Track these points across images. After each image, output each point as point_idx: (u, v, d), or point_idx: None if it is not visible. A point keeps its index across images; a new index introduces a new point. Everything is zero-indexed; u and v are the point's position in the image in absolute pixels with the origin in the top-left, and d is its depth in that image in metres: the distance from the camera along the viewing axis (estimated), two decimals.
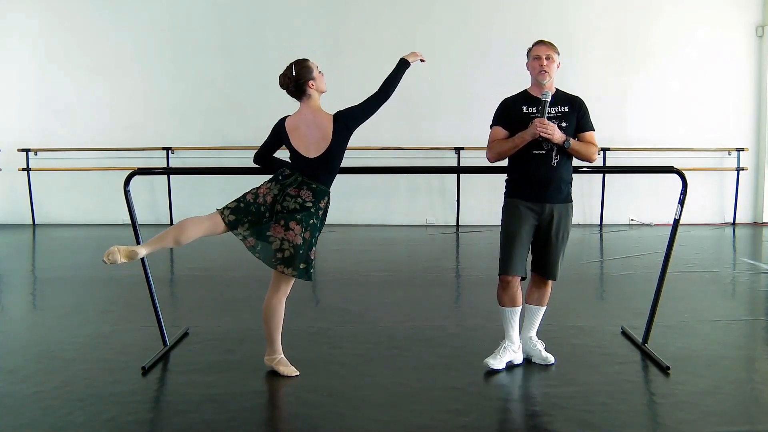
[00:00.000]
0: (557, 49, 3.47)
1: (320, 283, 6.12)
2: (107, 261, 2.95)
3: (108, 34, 9.45)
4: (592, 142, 3.46)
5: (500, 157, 3.50)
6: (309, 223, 3.25)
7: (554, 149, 3.39)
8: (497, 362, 3.50)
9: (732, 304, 5.19)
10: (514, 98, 3.55)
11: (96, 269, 6.58)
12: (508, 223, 3.50)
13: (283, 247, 3.23)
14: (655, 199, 9.10)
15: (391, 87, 3.41)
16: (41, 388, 3.28)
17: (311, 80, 3.34)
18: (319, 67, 3.42)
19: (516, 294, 3.53)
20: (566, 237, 3.52)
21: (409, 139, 9.13)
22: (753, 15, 9.50)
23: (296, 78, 3.34)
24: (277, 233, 3.22)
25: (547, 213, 3.44)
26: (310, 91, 3.35)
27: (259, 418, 3.02)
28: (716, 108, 9.50)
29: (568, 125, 3.41)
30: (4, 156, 9.35)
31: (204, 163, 9.28)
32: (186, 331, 4.17)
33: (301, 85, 3.34)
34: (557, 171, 3.42)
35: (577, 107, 3.46)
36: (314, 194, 3.28)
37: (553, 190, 3.43)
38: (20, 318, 4.84)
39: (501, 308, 3.58)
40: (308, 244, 3.26)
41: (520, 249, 3.45)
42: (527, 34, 9.29)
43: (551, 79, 3.43)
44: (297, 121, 3.36)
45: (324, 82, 3.42)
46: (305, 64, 3.37)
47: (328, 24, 9.51)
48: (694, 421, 2.90)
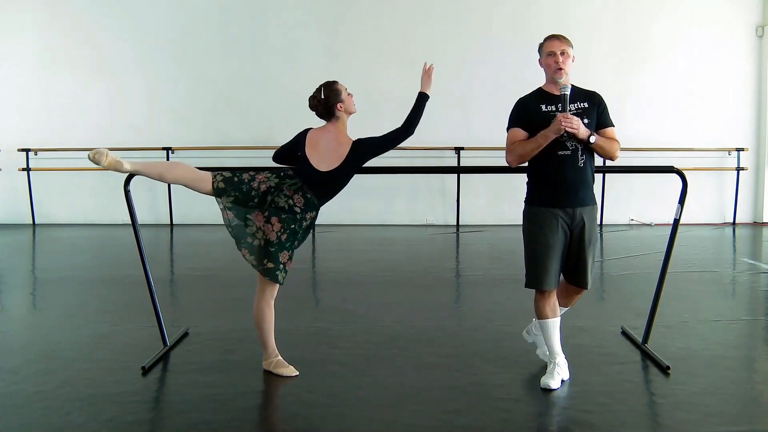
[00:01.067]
0: (570, 42, 3.29)
1: (320, 283, 6.12)
2: (92, 158, 3.09)
3: (108, 34, 9.46)
4: (613, 138, 3.27)
5: (522, 159, 3.29)
6: (290, 227, 3.28)
7: (579, 149, 3.22)
8: (555, 382, 3.23)
9: (732, 304, 5.19)
10: (531, 97, 3.36)
11: (96, 269, 6.58)
12: (536, 234, 3.28)
13: (256, 236, 3.28)
14: (655, 199, 9.11)
15: (413, 124, 3.40)
16: (41, 388, 3.28)
17: (340, 102, 3.39)
18: (348, 89, 3.44)
19: (556, 303, 3.32)
20: (596, 241, 3.37)
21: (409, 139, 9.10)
22: (753, 15, 9.50)
23: (325, 101, 3.38)
24: (258, 221, 3.27)
25: (578, 219, 3.25)
26: (339, 113, 3.40)
27: (259, 418, 3.02)
28: (716, 108, 9.49)
29: (590, 121, 3.22)
30: (4, 156, 9.35)
31: (204, 163, 9.19)
32: (186, 331, 4.17)
33: (330, 107, 3.38)
34: (584, 172, 3.25)
35: (596, 102, 3.29)
36: (306, 203, 3.31)
37: (582, 194, 3.25)
38: (20, 318, 4.83)
39: (542, 321, 3.33)
40: (281, 246, 3.27)
41: (552, 261, 3.24)
42: (527, 34, 9.40)
43: (567, 75, 3.25)
44: (319, 136, 3.40)
45: (353, 104, 3.45)
46: (334, 87, 3.39)
47: (328, 24, 9.51)
48: (694, 421, 2.89)
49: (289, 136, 3.49)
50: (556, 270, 3.29)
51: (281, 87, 9.32)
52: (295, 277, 5.73)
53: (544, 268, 3.26)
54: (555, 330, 3.33)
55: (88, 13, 9.46)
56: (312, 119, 3.51)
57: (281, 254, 3.29)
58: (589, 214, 3.30)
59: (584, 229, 3.28)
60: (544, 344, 3.49)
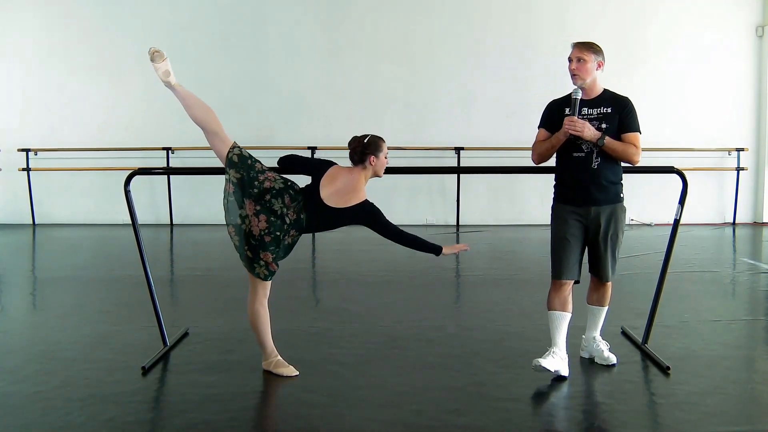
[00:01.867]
0: (595, 48, 3.39)
1: (320, 283, 6.12)
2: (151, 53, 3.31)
3: (108, 34, 9.45)
4: (633, 143, 3.40)
5: (541, 158, 3.53)
6: (275, 233, 3.28)
7: (594, 152, 3.38)
8: (547, 362, 3.34)
9: (732, 304, 5.19)
10: (560, 100, 3.53)
11: (96, 269, 6.58)
12: (555, 229, 3.53)
13: (245, 221, 3.28)
14: (655, 199, 9.09)
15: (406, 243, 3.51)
16: (41, 388, 3.28)
17: (374, 157, 3.42)
18: (388, 154, 3.50)
19: (567, 299, 3.49)
20: (617, 238, 3.50)
21: (409, 139, 9.12)
22: (753, 15, 9.50)
23: (365, 147, 3.41)
24: (249, 209, 3.28)
25: (593, 216, 3.43)
26: (369, 165, 3.43)
27: (259, 418, 3.02)
28: (716, 108, 9.49)
29: (608, 126, 3.37)
30: (4, 156, 9.35)
31: (204, 163, 9.23)
32: (186, 331, 4.17)
33: (365, 155, 3.41)
34: (599, 173, 3.40)
35: (620, 107, 3.41)
36: (296, 220, 3.32)
37: (596, 193, 3.41)
38: (20, 318, 4.84)
39: (549, 312, 3.50)
40: (263, 245, 3.27)
41: (569, 254, 3.45)
42: (526, 34, 9.44)
43: (585, 81, 3.37)
44: (341, 174, 3.43)
45: (383, 168, 3.49)
46: (380, 142, 3.46)
47: (328, 24, 9.50)
48: (694, 421, 2.90)
49: (289, 135, 3.50)
50: (572, 263, 3.47)
51: (281, 87, 9.32)
52: (295, 277, 5.75)
53: (558, 261, 3.48)
54: (560, 323, 3.46)
55: (87, 13, 9.45)
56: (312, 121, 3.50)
57: (263, 253, 3.29)
58: (605, 213, 3.45)
59: (600, 225, 3.45)
60: (606, 351, 3.59)
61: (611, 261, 3.52)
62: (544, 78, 8.02)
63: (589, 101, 3.41)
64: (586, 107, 3.40)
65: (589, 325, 3.68)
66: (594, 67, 3.38)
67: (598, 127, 3.35)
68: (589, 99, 3.42)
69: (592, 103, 3.41)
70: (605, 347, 3.62)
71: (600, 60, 3.40)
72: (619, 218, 3.50)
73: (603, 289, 3.61)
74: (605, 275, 3.54)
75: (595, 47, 3.40)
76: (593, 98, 3.42)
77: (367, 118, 8.92)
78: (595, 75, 3.40)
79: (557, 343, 3.44)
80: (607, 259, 3.50)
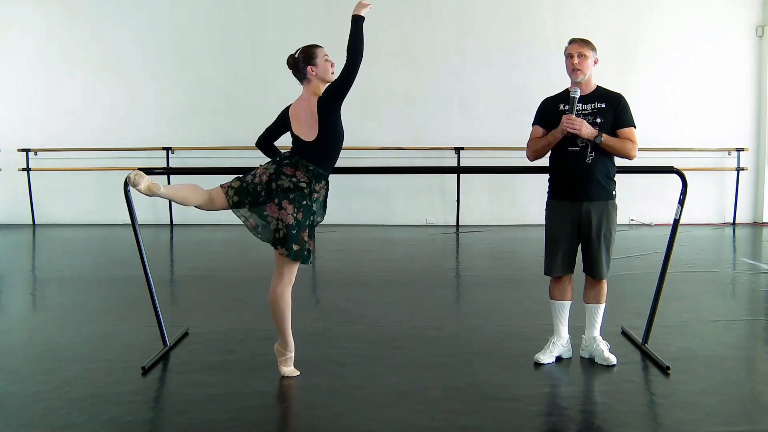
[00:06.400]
0: (592, 45, 3.49)
1: (320, 283, 6.12)
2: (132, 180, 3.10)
3: (109, 35, 9.45)
4: (629, 138, 3.45)
5: (536, 155, 3.57)
6: (302, 204, 3.26)
7: (589, 146, 3.40)
8: (546, 357, 3.57)
9: (732, 304, 5.19)
10: (554, 97, 3.58)
11: (96, 269, 6.58)
12: (548, 225, 3.59)
13: (278, 227, 3.26)
14: (655, 199, 9.09)
15: (354, 50, 3.33)
16: (41, 388, 3.28)
17: (312, 66, 3.35)
18: (328, 56, 3.40)
19: (566, 288, 3.60)
20: (609, 235, 3.51)
21: (409, 139, 9.13)
22: (753, 15, 9.50)
23: (297, 62, 3.36)
24: (272, 212, 3.27)
25: (585, 212, 3.46)
26: (310, 76, 3.36)
27: (259, 418, 3.02)
28: (716, 108, 9.48)
29: (603, 121, 3.41)
30: (4, 156, 9.35)
31: (204, 163, 9.27)
32: (186, 331, 4.17)
33: (302, 68, 3.36)
34: (593, 168, 3.42)
35: (614, 103, 3.46)
36: (309, 176, 3.28)
37: (589, 188, 3.44)
38: (20, 318, 4.84)
39: (551, 301, 3.66)
40: (301, 225, 3.25)
41: (560, 250, 3.52)
42: (525, 34, 9.44)
43: (585, 76, 3.44)
44: (297, 108, 3.40)
45: (329, 71, 3.38)
46: (310, 50, 3.38)
47: (328, 24, 9.49)
48: (694, 421, 2.89)
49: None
50: (562, 259, 3.54)
51: (281, 87, 9.28)
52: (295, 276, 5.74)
53: (550, 257, 3.58)
54: (561, 312, 3.62)
55: (88, 13, 9.45)
56: None
57: (303, 233, 3.27)
58: (598, 209, 3.46)
59: (592, 222, 3.46)
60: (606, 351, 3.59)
61: (605, 259, 3.54)
62: (544, 78, 8.02)
63: (584, 96, 3.47)
64: (580, 102, 3.44)
65: (588, 324, 3.68)
66: (592, 63, 3.47)
67: (592, 122, 3.39)
68: (584, 94, 3.47)
69: (586, 99, 3.47)
70: (605, 347, 3.62)
71: (596, 56, 3.49)
72: (611, 215, 3.52)
73: (599, 286, 3.63)
74: (600, 273, 3.55)
75: (591, 43, 3.49)
76: (588, 94, 3.49)
77: (367, 118, 8.94)
78: (592, 71, 3.48)
79: (558, 331, 3.62)
80: (601, 257, 3.52)
